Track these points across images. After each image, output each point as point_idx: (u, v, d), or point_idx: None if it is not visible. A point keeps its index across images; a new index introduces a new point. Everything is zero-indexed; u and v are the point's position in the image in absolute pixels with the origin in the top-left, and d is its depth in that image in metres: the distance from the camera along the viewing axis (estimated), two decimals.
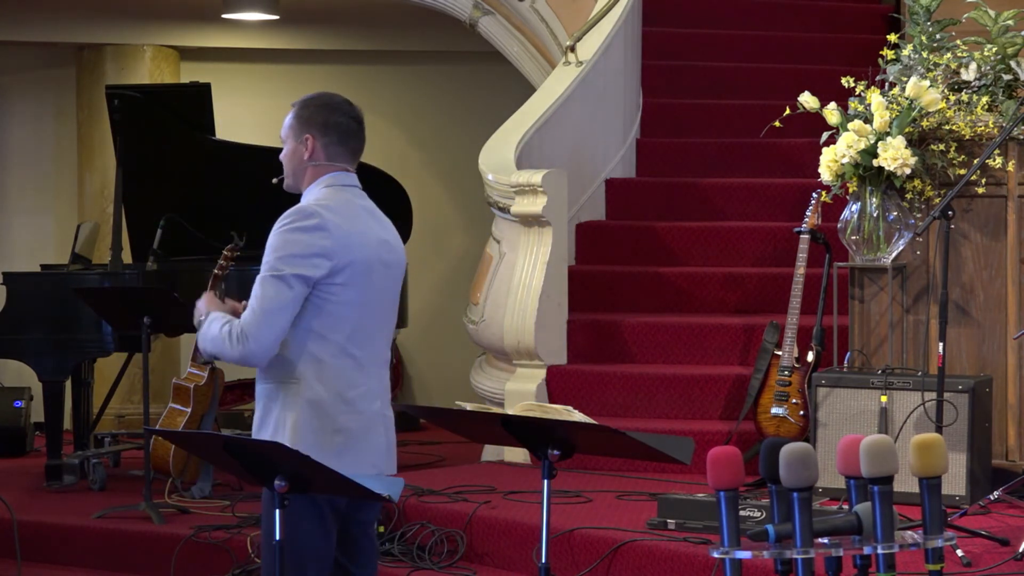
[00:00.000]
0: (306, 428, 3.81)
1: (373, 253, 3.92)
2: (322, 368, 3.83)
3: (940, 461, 3.10)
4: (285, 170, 4.04)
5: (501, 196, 7.14)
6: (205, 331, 3.88)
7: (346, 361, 3.86)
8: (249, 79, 10.91)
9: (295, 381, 3.83)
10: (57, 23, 10.29)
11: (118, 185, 7.77)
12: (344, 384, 3.86)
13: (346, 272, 3.84)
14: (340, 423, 3.84)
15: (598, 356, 7.22)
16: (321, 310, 3.83)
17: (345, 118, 4.00)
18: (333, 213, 3.87)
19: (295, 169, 4.01)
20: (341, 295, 3.84)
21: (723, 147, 8.40)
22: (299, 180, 4.02)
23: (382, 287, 3.95)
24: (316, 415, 3.82)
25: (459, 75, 11.01)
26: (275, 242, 3.85)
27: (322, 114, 3.98)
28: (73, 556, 6.58)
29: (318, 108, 3.99)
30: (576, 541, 5.51)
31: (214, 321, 3.87)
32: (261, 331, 3.78)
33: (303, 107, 4.01)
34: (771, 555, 3.03)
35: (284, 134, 4.01)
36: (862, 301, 6.30)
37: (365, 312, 3.90)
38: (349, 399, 3.86)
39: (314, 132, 3.96)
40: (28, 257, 10.11)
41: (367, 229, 3.94)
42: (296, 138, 3.99)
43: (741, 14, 9.49)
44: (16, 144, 10.77)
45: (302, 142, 3.97)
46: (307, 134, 3.97)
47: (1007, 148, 6.06)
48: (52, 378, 7.42)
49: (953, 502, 5.60)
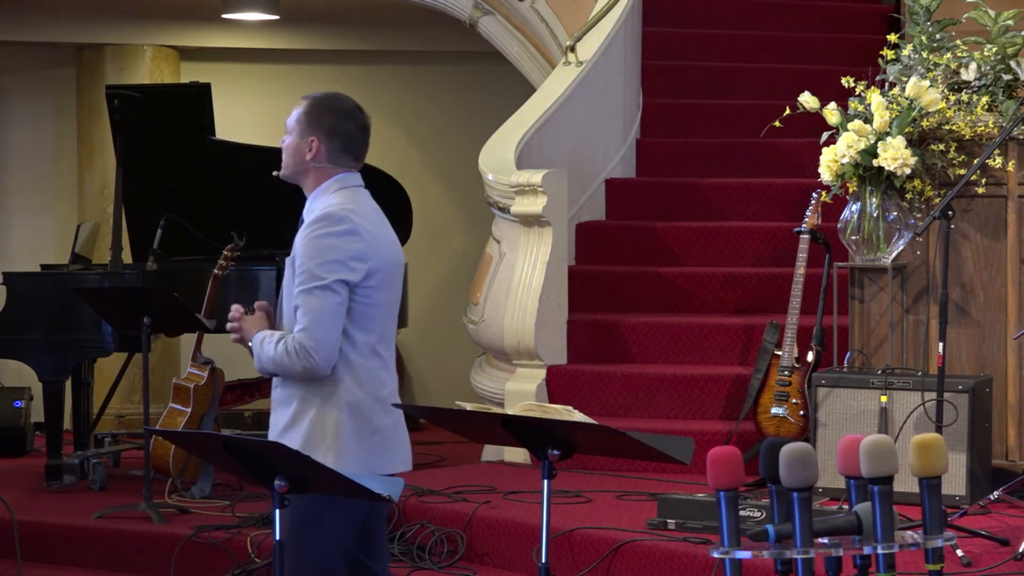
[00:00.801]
0: (347, 430, 3.86)
1: (393, 255, 4.00)
2: (356, 370, 3.89)
3: (940, 461, 3.10)
4: (284, 161, 4.04)
5: (501, 196, 7.14)
6: (260, 353, 3.89)
7: (376, 361, 3.93)
8: (249, 79, 10.91)
9: (332, 384, 3.87)
10: (57, 23, 10.29)
11: (118, 185, 7.77)
12: (377, 384, 3.93)
13: (378, 275, 3.91)
14: (376, 423, 3.91)
15: (598, 356, 7.22)
16: (354, 312, 3.87)
17: (353, 125, 4.01)
18: (360, 217, 3.92)
19: (296, 165, 4.01)
20: (373, 297, 3.90)
21: (723, 147, 8.40)
22: (299, 177, 4.02)
23: (399, 288, 4.04)
24: (355, 416, 3.88)
25: (459, 75, 11.01)
26: (310, 250, 3.86)
27: (331, 119, 3.98)
28: (73, 556, 6.58)
29: (329, 112, 3.99)
30: (576, 541, 5.51)
31: (266, 342, 3.89)
32: (321, 342, 3.81)
33: (314, 106, 4.00)
34: (771, 555, 3.03)
35: (290, 125, 4.01)
36: (862, 301, 6.30)
37: (390, 313, 3.99)
38: (382, 398, 3.93)
39: (320, 135, 3.97)
40: (28, 257, 10.10)
41: (386, 231, 4.01)
42: (301, 136, 3.98)
43: (741, 14, 9.49)
44: (16, 144, 10.77)
45: (306, 141, 3.97)
46: (313, 136, 3.97)
47: (1007, 148, 6.06)
48: (52, 378, 7.42)
49: (953, 502, 5.60)
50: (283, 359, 3.83)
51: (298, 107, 4.02)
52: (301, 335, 3.81)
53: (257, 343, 3.91)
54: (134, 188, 7.90)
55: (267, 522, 6.21)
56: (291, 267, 3.94)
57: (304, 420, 3.88)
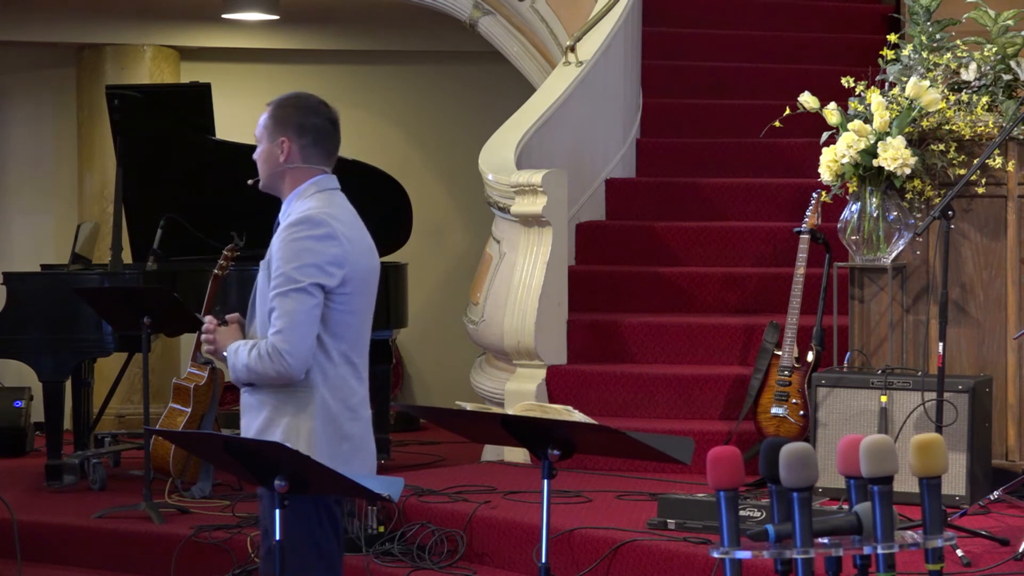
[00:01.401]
0: (320, 437, 3.82)
1: (368, 260, 3.95)
2: (328, 377, 3.85)
3: (940, 461, 3.10)
4: (260, 171, 4.01)
5: (501, 196, 7.14)
6: (234, 363, 3.85)
7: (348, 369, 3.88)
8: (249, 79, 10.90)
9: (306, 391, 3.83)
10: (57, 23, 10.29)
11: (118, 185, 7.77)
12: (347, 392, 3.89)
13: (354, 281, 3.86)
14: (346, 430, 3.87)
15: (598, 356, 7.22)
16: (328, 319, 3.83)
17: (321, 119, 3.97)
18: (339, 222, 3.88)
19: (271, 171, 3.98)
20: (347, 304, 3.86)
21: (723, 147, 8.40)
22: (276, 182, 3.99)
23: (373, 294, 3.98)
24: (328, 423, 3.84)
25: (459, 75, 11.01)
26: (287, 253, 3.82)
27: (297, 115, 3.94)
28: (73, 556, 6.58)
29: (294, 109, 3.96)
30: (576, 541, 5.51)
31: (240, 350, 3.84)
32: (295, 345, 3.77)
33: (278, 108, 3.97)
34: (771, 555, 3.03)
35: (259, 134, 3.98)
36: (862, 301, 6.30)
37: (364, 320, 3.94)
38: (352, 406, 3.89)
39: (290, 134, 3.93)
40: (28, 257, 10.11)
41: (363, 236, 3.96)
42: (271, 139, 3.95)
43: (741, 14, 9.49)
44: (16, 144, 10.77)
45: (277, 144, 3.94)
46: (282, 136, 3.93)
47: (1007, 148, 6.06)
48: (52, 378, 7.42)
49: (953, 502, 5.60)
50: (257, 364, 3.77)
51: (263, 114, 3.99)
52: (276, 338, 3.76)
53: (231, 352, 3.86)
54: (134, 188, 7.90)
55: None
56: (265, 271, 3.90)
57: (277, 427, 3.83)
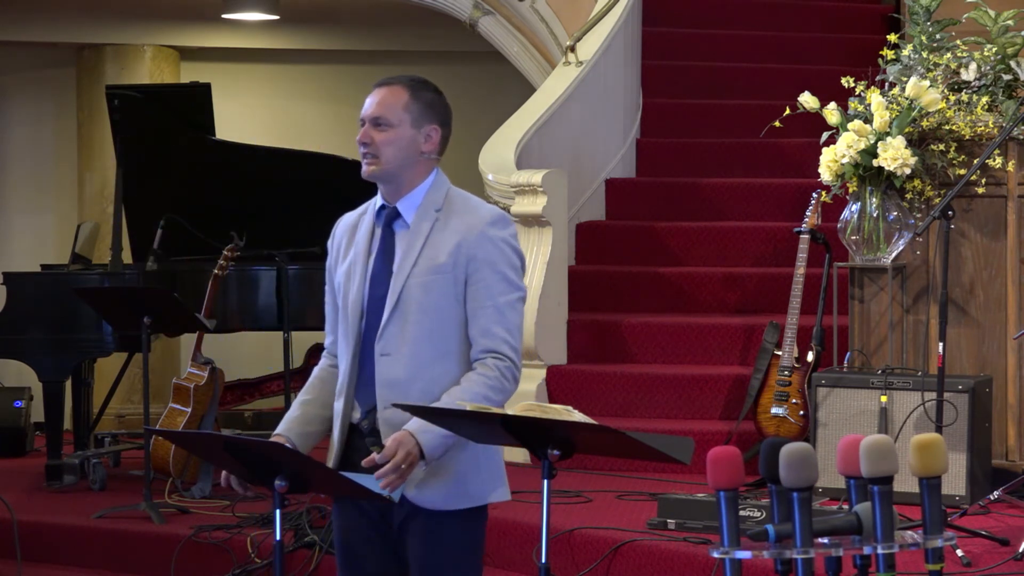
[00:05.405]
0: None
1: None
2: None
3: (940, 461, 3.09)
4: (386, 155, 3.57)
5: (501, 196, 7.14)
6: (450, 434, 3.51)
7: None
8: (249, 79, 10.91)
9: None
10: (57, 23, 10.30)
11: (118, 185, 7.77)
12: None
13: None
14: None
15: (598, 356, 7.22)
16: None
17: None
18: None
19: (406, 158, 3.60)
20: None
21: (723, 147, 8.41)
22: (404, 170, 3.61)
23: None
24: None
25: (459, 75, 11.00)
26: (508, 255, 3.59)
27: (442, 105, 3.66)
28: (73, 556, 6.58)
29: (438, 97, 3.65)
30: (576, 541, 5.51)
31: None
32: (520, 355, 3.61)
33: (425, 91, 3.63)
34: (771, 555, 3.02)
35: (396, 117, 3.57)
36: (862, 301, 6.30)
37: None
38: None
39: (437, 124, 3.64)
40: (28, 257, 10.11)
41: None
42: (416, 125, 3.59)
43: (741, 14, 9.49)
44: (16, 144, 10.78)
45: (422, 131, 3.60)
46: (433, 124, 3.62)
47: (1007, 148, 6.06)
48: (52, 378, 7.42)
49: (953, 502, 5.60)
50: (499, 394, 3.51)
51: (393, 95, 3.58)
52: (510, 351, 3.53)
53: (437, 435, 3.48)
54: (134, 188, 7.89)
55: (267, 522, 6.21)
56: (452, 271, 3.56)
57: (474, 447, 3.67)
